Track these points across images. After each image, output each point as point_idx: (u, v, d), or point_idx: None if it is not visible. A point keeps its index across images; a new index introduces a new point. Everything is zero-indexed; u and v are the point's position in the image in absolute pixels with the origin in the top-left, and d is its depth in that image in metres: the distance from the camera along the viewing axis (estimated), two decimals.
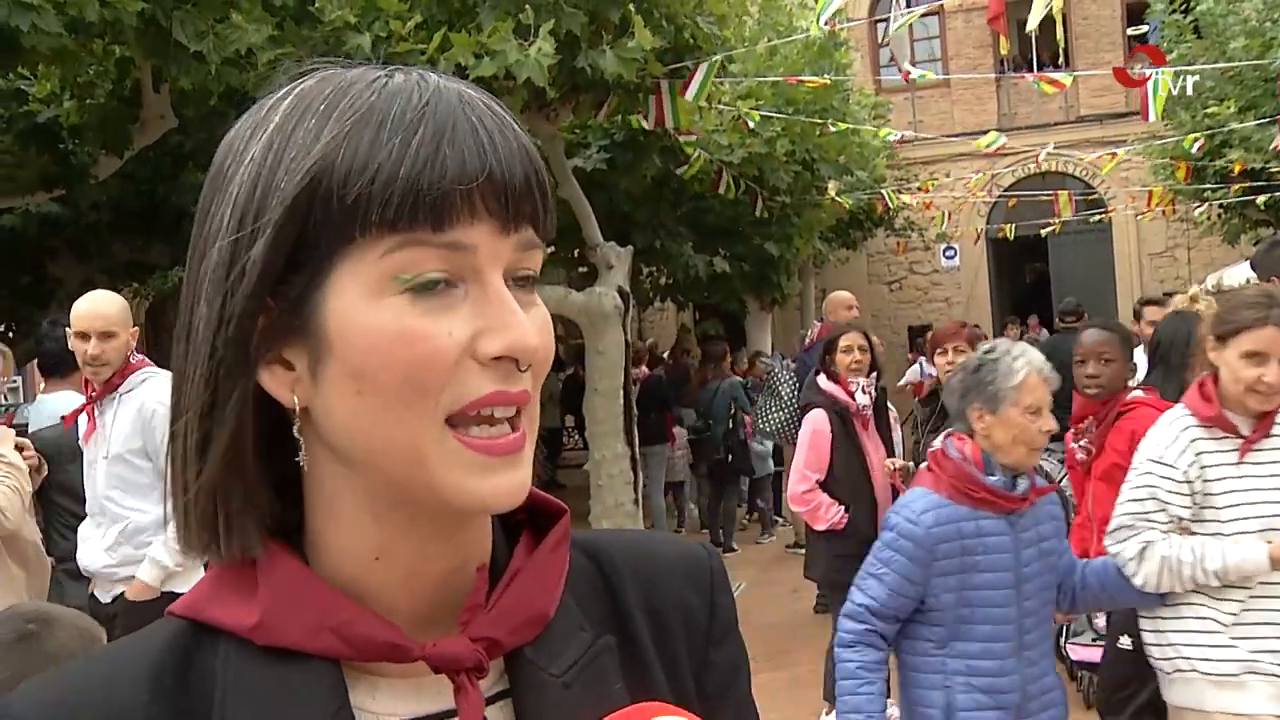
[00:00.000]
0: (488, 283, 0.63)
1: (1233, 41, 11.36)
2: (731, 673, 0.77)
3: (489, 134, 0.62)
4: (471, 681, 0.66)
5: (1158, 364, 3.96)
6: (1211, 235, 15.32)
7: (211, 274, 0.63)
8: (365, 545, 0.66)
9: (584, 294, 7.16)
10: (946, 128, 18.08)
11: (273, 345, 0.63)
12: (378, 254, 0.61)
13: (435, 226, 0.60)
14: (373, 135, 0.60)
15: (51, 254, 8.82)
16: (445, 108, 0.62)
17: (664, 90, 6.38)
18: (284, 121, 0.63)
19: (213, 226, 0.64)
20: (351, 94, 0.63)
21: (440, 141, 0.61)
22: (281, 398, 0.64)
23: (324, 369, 0.62)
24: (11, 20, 4.33)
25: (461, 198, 0.61)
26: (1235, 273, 9.30)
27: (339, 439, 0.64)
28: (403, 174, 0.60)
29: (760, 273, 12.35)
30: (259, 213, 0.61)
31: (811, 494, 4.78)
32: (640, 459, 7.64)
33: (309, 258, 0.62)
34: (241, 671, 0.64)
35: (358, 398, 0.61)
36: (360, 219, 0.60)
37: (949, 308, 18.99)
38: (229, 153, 0.65)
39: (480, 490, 0.63)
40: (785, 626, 6.94)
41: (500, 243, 0.63)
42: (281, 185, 0.61)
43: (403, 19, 5.30)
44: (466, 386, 0.62)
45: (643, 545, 0.79)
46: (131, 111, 6.87)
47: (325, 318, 0.62)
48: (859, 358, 4.78)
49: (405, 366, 0.60)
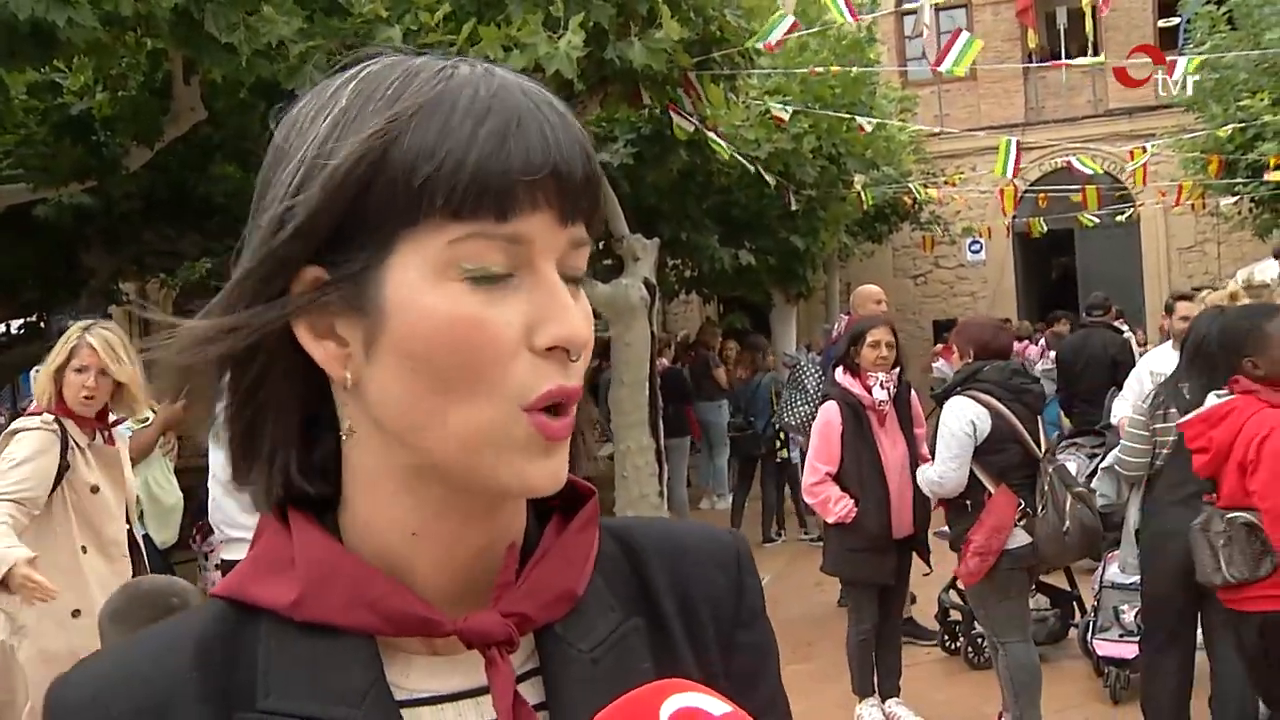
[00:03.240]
0: (541, 273, 0.64)
1: (1268, 32, 11.21)
2: (760, 655, 0.78)
3: (552, 128, 0.64)
4: (503, 656, 0.67)
5: (1195, 359, 3.91)
6: (1242, 230, 15.14)
7: (262, 232, 0.65)
8: (403, 522, 0.67)
9: (610, 286, 7.17)
10: (973, 121, 17.97)
11: (326, 318, 0.65)
12: (443, 241, 0.62)
13: (499, 216, 0.62)
14: (442, 121, 0.62)
15: (84, 244, 8.91)
16: (511, 99, 0.63)
17: (693, 81, 6.38)
18: (349, 105, 0.64)
19: (271, 195, 0.65)
20: (419, 80, 0.64)
21: (507, 132, 0.62)
22: (334, 373, 0.65)
23: (378, 347, 0.63)
24: (49, 15, 4.38)
25: (525, 189, 0.62)
26: (1266, 267, 9.19)
27: (388, 417, 0.65)
28: (471, 161, 0.61)
29: (786, 266, 12.32)
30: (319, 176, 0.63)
31: (821, 486, 4.76)
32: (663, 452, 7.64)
33: (371, 237, 0.63)
34: (281, 647, 0.65)
35: (413, 376, 0.63)
36: (426, 203, 0.61)
37: (974, 302, 18.90)
38: (291, 130, 0.66)
39: (533, 473, 0.64)
40: (808, 619, 6.94)
41: (557, 235, 0.64)
42: (341, 153, 0.62)
43: (432, 11, 5.32)
44: (533, 379, 0.63)
45: (670, 530, 0.81)
46: (163, 103, 6.93)
47: (385, 296, 0.63)
48: (885, 354, 4.73)
49: (464, 352, 0.62)
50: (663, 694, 0.61)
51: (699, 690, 0.62)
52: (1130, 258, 18.37)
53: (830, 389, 4.92)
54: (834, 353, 6.61)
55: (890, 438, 4.81)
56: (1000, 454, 4.31)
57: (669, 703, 0.60)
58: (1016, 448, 4.33)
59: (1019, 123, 17.98)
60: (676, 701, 0.60)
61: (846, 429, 4.73)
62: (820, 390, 6.83)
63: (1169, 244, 18.32)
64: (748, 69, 6.80)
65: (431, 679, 0.68)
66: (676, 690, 0.61)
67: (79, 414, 3.61)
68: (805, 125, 9.70)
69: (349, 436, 0.67)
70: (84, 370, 3.56)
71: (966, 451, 4.30)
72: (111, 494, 3.69)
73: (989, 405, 4.31)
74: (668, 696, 0.61)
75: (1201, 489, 3.69)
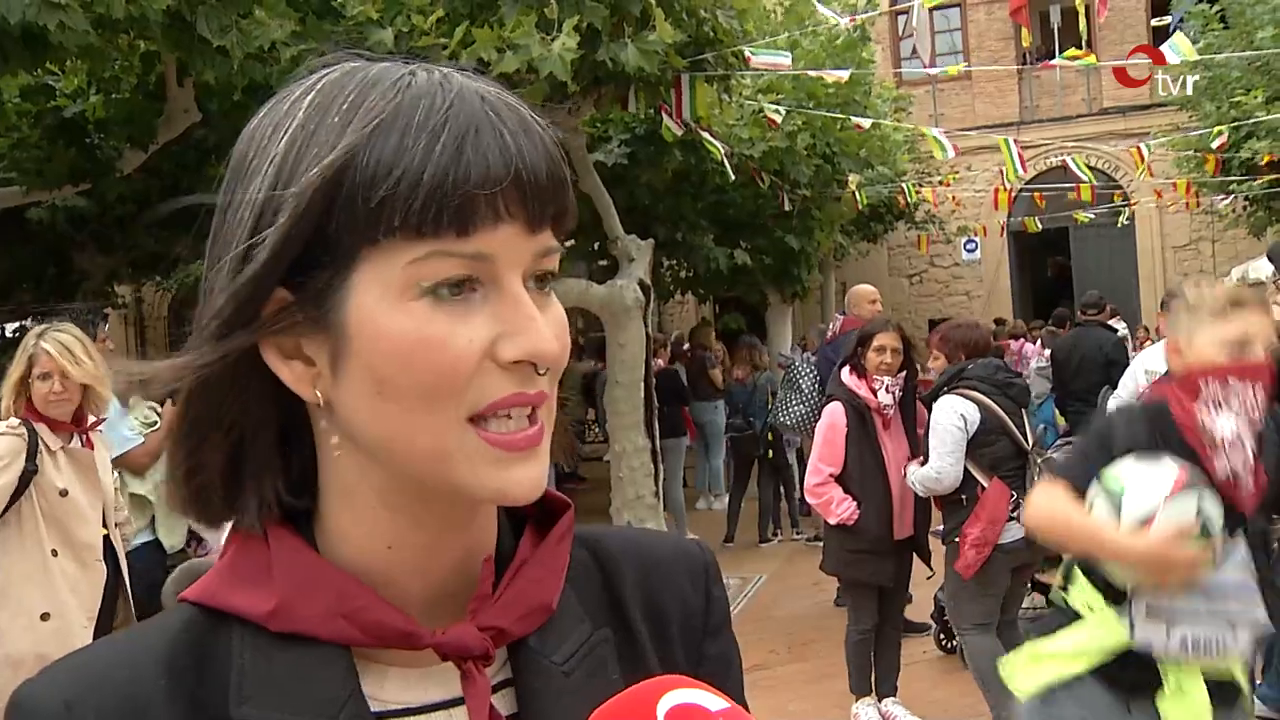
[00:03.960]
0: (506, 287, 0.63)
1: (1260, 31, 11.24)
2: (725, 666, 0.78)
3: (512, 134, 0.62)
4: (479, 669, 0.67)
5: None
6: (1236, 228, 15.18)
7: (230, 263, 0.64)
8: (379, 534, 0.67)
9: (605, 287, 7.17)
10: (968, 121, 17.99)
11: (292, 339, 0.64)
12: (403, 261, 0.61)
13: (460, 232, 0.61)
14: (397, 139, 0.60)
15: (78, 247, 8.91)
16: (468, 110, 0.62)
17: (684, 83, 6.38)
18: (307, 119, 0.63)
19: (231, 218, 0.65)
20: (375, 94, 0.63)
21: (463, 145, 0.61)
22: (303, 394, 0.65)
23: (344, 366, 0.63)
24: (40, 19, 4.38)
25: (486, 201, 0.61)
26: (1260, 265, 9.21)
27: (360, 434, 0.65)
28: (426, 178, 0.60)
29: (781, 266, 12.32)
30: (278, 208, 0.62)
31: (824, 487, 4.77)
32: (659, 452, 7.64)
33: (332, 257, 0.62)
34: (256, 657, 0.65)
35: (378, 398, 0.62)
36: (384, 223, 0.60)
37: (970, 301, 18.93)
38: (250, 146, 0.66)
39: (499, 483, 0.64)
40: (806, 619, 6.94)
41: (523, 244, 0.63)
42: (301, 180, 0.61)
43: (425, 13, 5.32)
44: (487, 389, 0.63)
45: (641, 541, 0.81)
46: (156, 106, 6.94)
47: (347, 316, 0.62)
48: (889, 360, 4.74)
49: (427, 373, 0.61)
50: (660, 690, 0.61)
51: (696, 686, 0.62)
52: (1125, 256, 18.41)
53: (836, 390, 4.92)
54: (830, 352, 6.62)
55: (894, 440, 4.82)
56: (990, 446, 4.38)
57: (666, 699, 0.60)
58: (1005, 440, 4.40)
59: (1014, 121, 18.00)
60: (674, 698, 0.61)
61: (851, 431, 4.73)
62: (815, 390, 6.84)
63: (1164, 242, 18.35)
64: (741, 69, 6.80)
65: (406, 690, 0.68)
66: (674, 686, 0.61)
67: (53, 417, 3.60)
68: (799, 124, 9.71)
69: (325, 452, 0.67)
70: (47, 377, 3.55)
71: (960, 446, 4.36)
72: (84, 497, 3.66)
73: (976, 400, 4.38)
74: (665, 693, 0.61)
75: None
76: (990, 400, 4.36)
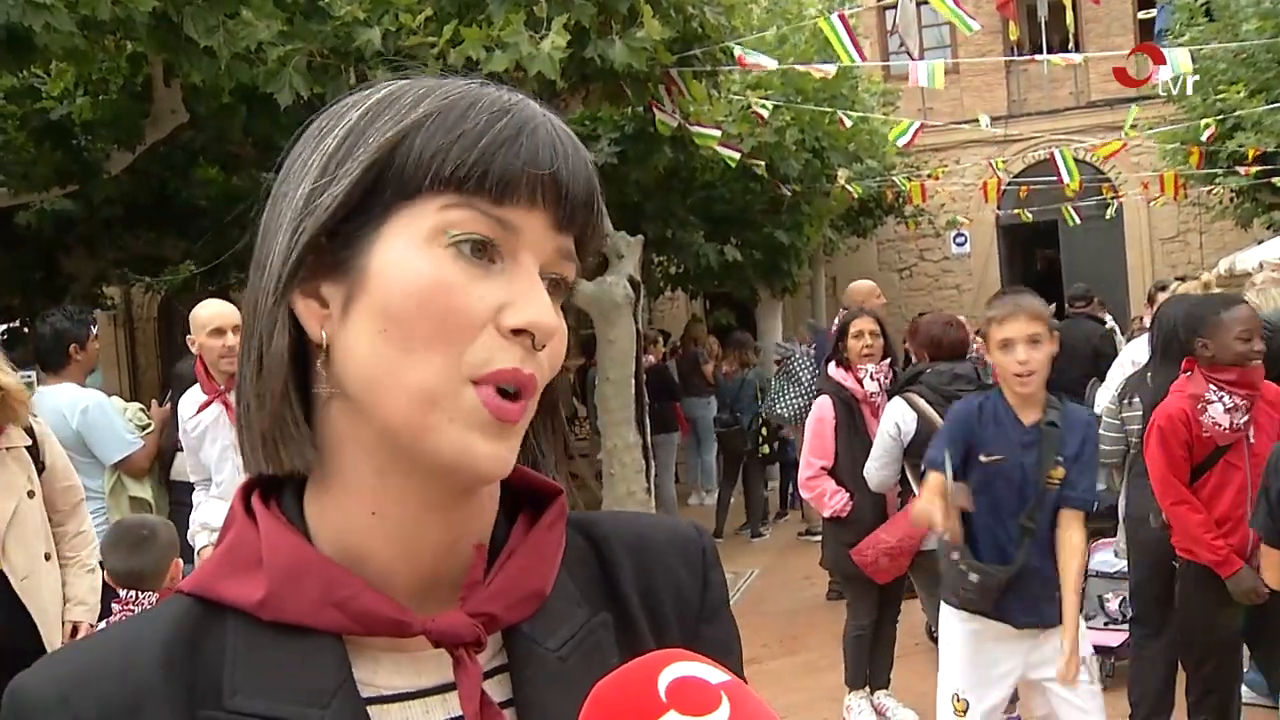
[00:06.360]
0: (523, 264, 0.66)
1: (1245, 24, 11.28)
2: (723, 651, 0.77)
3: (563, 144, 0.68)
4: (470, 656, 0.68)
5: (1163, 347, 3.97)
6: (1224, 219, 15.23)
7: (291, 210, 0.68)
8: (364, 498, 0.68)
9: (595, 284, 7.17)
10: (956, 114, 18.01)
11: (313, 278, 0.67)
12: (435, 207, 0.65)
13: (496, 198, 0.65)
14: (462, 112, 0.66)
15: (65, 249, 8.88)
16: (530, 111, 0.68)
17: (675, 79, 6.39)
18: (384, 98, 0.69)
19: (298, 170, 0.69)
20: (449, 84, 0.69)
21: (521, 131, 0.66)
22: (310, 331, 0.67)
23: (355, 307, 0.66)
24: (24, 20, 4.36)
25: (526, 182, 0.65)
26: (1247, 257, 9.25)
27: (352, 377, 0.66)
28: (482, 144, 0.65)
29: (771, 261, 12.33)
30: (341, 165, 0.66)
31: (816, 480, 4.78)
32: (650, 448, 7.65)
33: (372, 203, 0.66)
34: (249, 646, 0.65)
35: (381, 336, 0.64)
36: (431, 173, 0.65)
37: (960, 294, 18.96)
38: (329, 117, 0.70)
39: (478, 450, 0.65)
40: (798, 613, 6.97)
41: (547, 235, 0.67)
42: (370, 140, 0.66)
43: (413, 12, 5.31)
44: (488, 353, 0.65)
45: (637, 525, 0.81)
46: (143, 107, 6.91)
47: (370, 258, 0.65)
48: (870, 343, 4.75)
49: (435, 314, 0.64)
50: (662, 663, 0.61)
51: (697, 659, 0.62)
52: (1114, 249, 18.45)
53: (823, 384, 4.94)
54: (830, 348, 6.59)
55: None
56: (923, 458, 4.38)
57: (667, 671, 0.61)
58: None
59: (1002, 115, 18.03)
60: (675, 670, 0.61)
61: (840, 423, 4.75)
62: (814, 383, 6.83)
63: (1152, 235, 18.39)
64: (729, 65, 6.81)
65: (398, 676, 0.69)
66: (675, 659, 0.62)
67: None
68: (788, 118, 9.71)
69: (321, 403, 0.69)
70: None
71: (890, 453, 4.41)
72: None
73: (918, 408, 4.36)
74: (667, 665, 0.61)
75: None
76: (934, 410, 4.30)
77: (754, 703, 0.60)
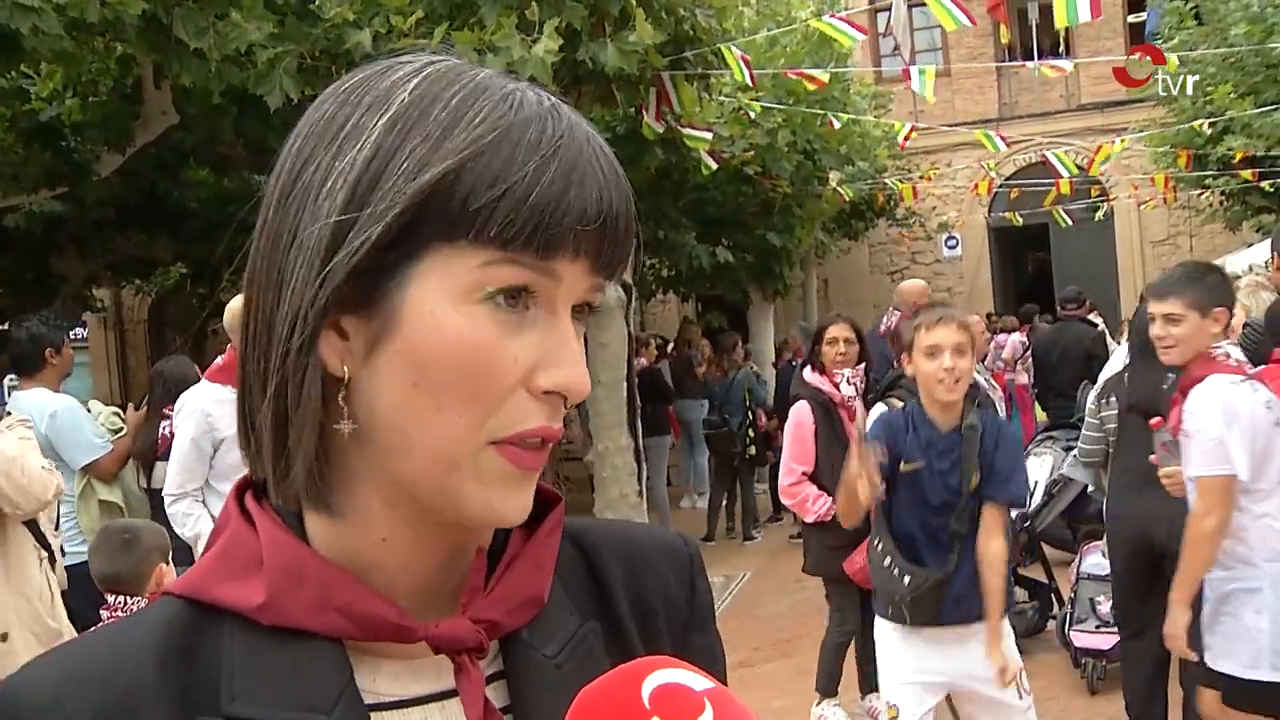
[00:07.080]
0: (559, 314, 0.65)
1: (1234, 28, 11.33)
2: (710, 658, 0.79)
3: (607, 181, 0.65)
4: (473, 661, 0.67)
5: (1142, 348, 3.98)
6: (1214, 222, 15.28)
7: (313, 240, 0.63)
8: (374, 528, 0.67)
9: None
10: (948, 117, 18.04)
11: (335, 310, 0.64)
12: (477, 262, 0.62)
13: (542, 255, 0.63)
14: (508, 154, 0.62)
15: (56, 251, 8.84)
16: (575, 146, 0.64)
17: (666, 82, 6.39)
18: (410, 106, 0.64)
19: (317, 186, 0.64)
20: (485, 101, 0.64)
21: (570, 180, 0.63)
22: (330, 365, 0.64)
23: (383, 349, 0.63)
24: (12, 22, 4.34)
25: (574, 239, 0.63)
26: (1237, 259, 9.29)
27: (377, 422, 0.64)
28: (532, 201, 0.62)
29: (763, 263, 12.34)
30: (373, 191, 0.62)
31: (798, 486, 4.77)
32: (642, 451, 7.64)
33: (407, 239, 0.62)
34: (248, 651, 0.64)
35: (412, 389, 0.63)
36: (477, 229, 0.62)
37: (951, 297, 18.96)
38: (341, 110, 0.66)
39: (501, 507, 0.65)
40: (789, 616, 6.96)
41: (584, 280, 0.66)
42: (403, 172, 0.62)
43: (404, 14, 5.29)
44: (515, 416, 0.64)
45: (626, 534, 0.82)
46: (133, 108, 6.89)
47: (402, 303, 0.63)
48: (844, 350, 4.77)
49: (470, 375, 0.63)
50: (646, 670, 0.61)
51: (680, 666, 0.62)
52: (1105, 251, 18.50)
53: (800, 389, 4.94)
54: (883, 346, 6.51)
55: None
56: None
57: (651, 678, 0.61)
58: None
59: (993, 118, 18.08)
60: (659, 677, 0.61)
61: (819, 428, 4.75)
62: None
63: (1143, 237, 18.46)
64: (720, 68, 6.81)
65: (399, 683, 0.68)
66: (659, 666, 0.62)
67: None
68: (779, 120, 9.72)
69: (336, 432, 0.66)
70: None
71: None
72: None
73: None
74: (650, 672, 0.61)
75: (1149, 472, 3.74)
76: None
77: (738, 709, 0.60)
